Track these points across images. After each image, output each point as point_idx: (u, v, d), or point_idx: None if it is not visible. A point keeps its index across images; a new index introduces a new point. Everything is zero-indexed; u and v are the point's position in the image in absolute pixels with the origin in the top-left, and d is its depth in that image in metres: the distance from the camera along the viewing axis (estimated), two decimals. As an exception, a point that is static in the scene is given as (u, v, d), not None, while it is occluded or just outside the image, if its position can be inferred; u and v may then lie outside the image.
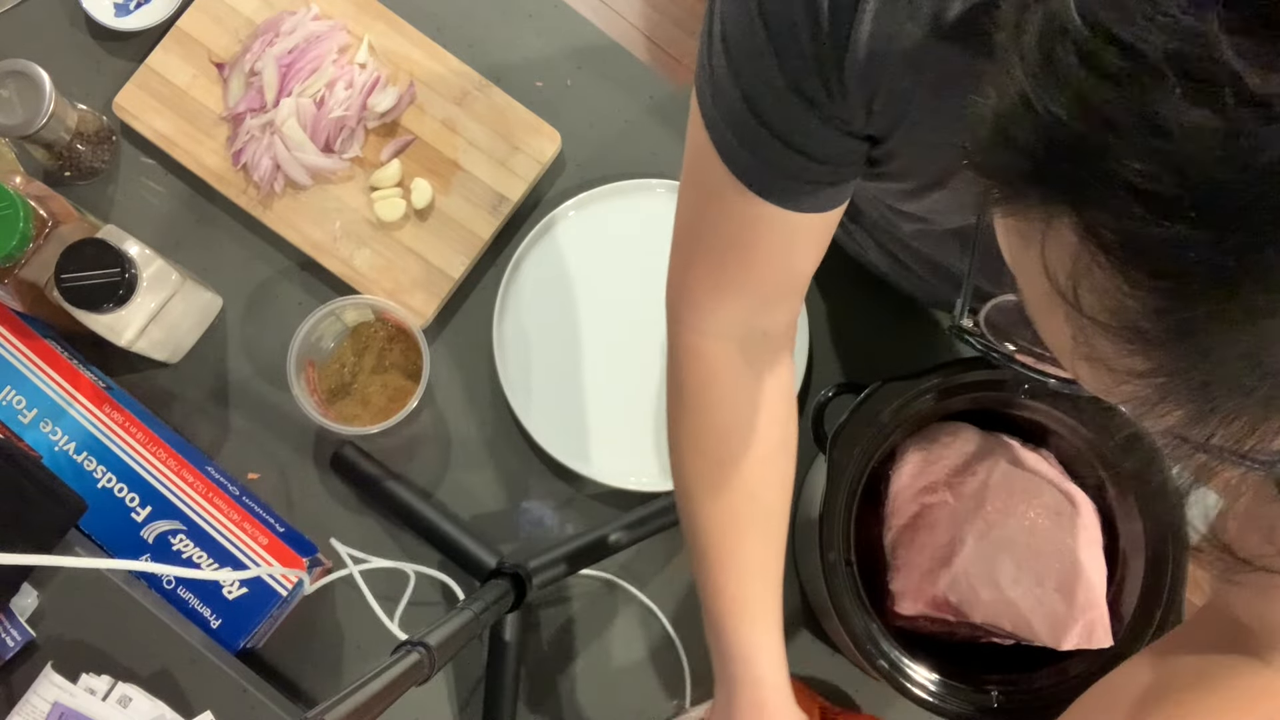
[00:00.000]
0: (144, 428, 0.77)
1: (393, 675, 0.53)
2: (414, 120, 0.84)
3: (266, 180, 0.82)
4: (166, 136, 0.84)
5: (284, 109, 0.82)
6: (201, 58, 0.85)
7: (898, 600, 0.71)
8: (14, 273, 0.73)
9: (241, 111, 0.83)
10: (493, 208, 0.83)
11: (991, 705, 0.68)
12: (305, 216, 0.83)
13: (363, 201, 0.83)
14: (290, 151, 0.82)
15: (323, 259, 0.82)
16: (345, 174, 0.83)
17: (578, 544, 0.81)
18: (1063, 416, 0.72)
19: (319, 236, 0.83)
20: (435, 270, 0.83)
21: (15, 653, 0.70)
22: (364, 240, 0.83)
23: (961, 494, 0.71)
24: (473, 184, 0.83)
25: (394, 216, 0.82)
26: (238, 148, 0.83)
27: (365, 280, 0.82)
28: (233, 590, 0.74)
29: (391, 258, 0.83)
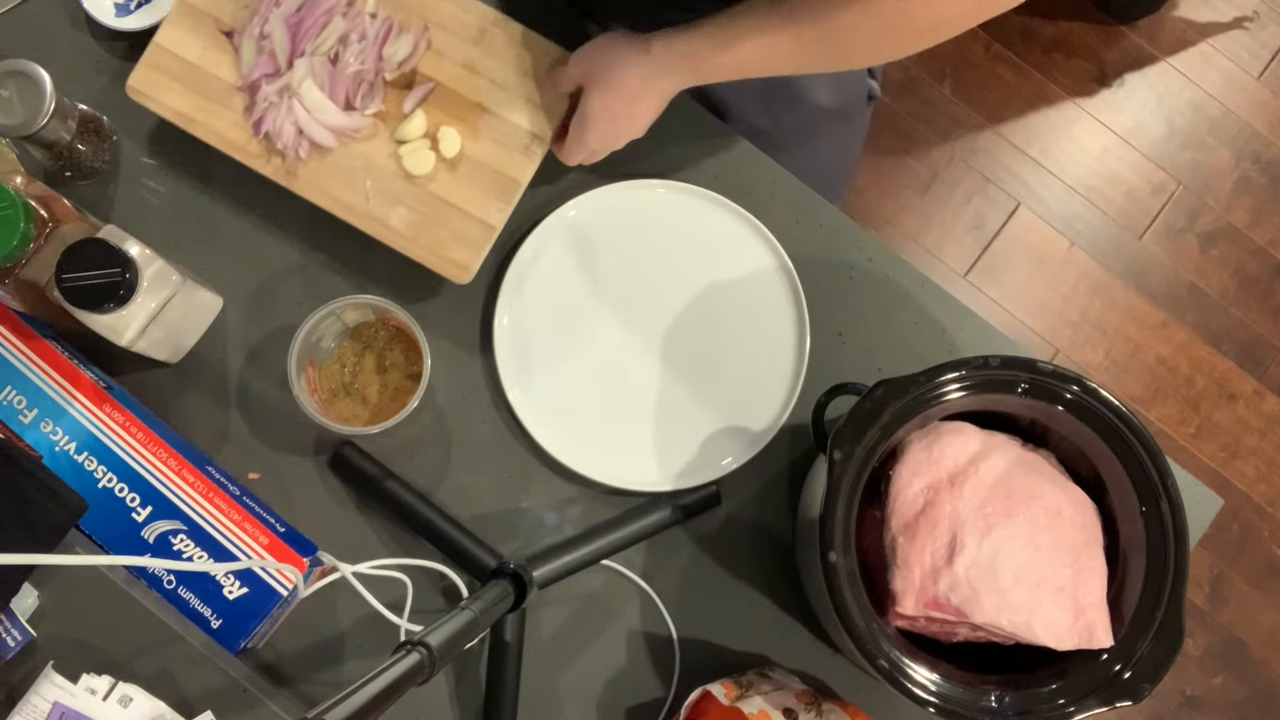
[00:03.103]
0: (144, 428, 0.77)
1: (393, 675, 0.53)
2: (432, 66, 0.81)
3: (291, 146, 0.80)
4: (184, 114, 0.81)
5: (299, 70, 0.79)
6: (209, 28, 0.81)
7: (898, 600, 0.71)
8: (14, 273, 0.73)
9: (256, 78, 0.80)
10: (525, 149, 0.80)
11: (991, 705, 0.68)
12: (334, 179, 0.80)
13: (391, 157, 0.80)
14: (311, 114, 0.80)
15: (358, 221, 0.80)
16: (369, 131, 0.81)
17: (578, 544, 0.81)
18: (1063, 416, 0.72)
19: (351, 199, 0.80)
20: (474, 221, 0.80)
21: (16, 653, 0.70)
22: (397, 198, 0.80)
23: (962, 494, 0.71)
24: (501, 126, 0.80)
25: (424, 169, 0.80)
26: (257, 116, 0.80)
27: (404, 240, 0.80)
28: (233, 590, 0.74)
29: (427, 212, 0.80)
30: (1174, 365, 1.77)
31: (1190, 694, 1.68)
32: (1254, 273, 1.80)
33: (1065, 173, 1.81)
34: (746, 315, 0.86)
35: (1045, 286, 1.78)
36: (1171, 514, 0.70)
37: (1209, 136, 1.83)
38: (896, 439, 0.74)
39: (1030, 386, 0.71)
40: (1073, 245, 1.79)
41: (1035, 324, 1.77)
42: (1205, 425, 1.76)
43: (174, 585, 0.75)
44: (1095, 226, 1.80)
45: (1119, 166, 1.82)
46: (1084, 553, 0.71)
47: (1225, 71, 1.85)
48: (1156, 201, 1.81)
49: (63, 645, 0.71)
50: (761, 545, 0.84)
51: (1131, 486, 0.71)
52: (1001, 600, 0.69)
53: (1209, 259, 1.80)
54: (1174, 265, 1.80)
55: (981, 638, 0.73)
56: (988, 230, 1.79)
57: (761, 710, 0.74)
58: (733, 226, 0.86)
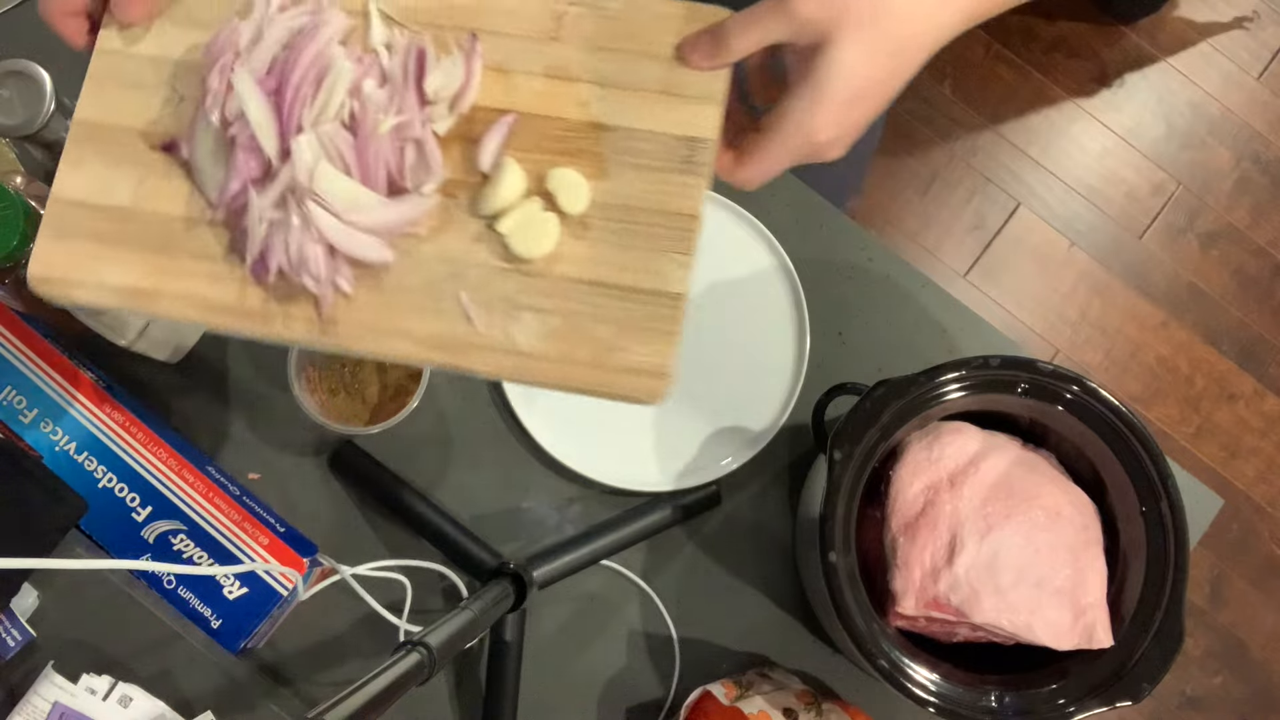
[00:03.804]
0: (144, 428, 0.77)
1: (393, 675, 0.53)
2: (500, 91, 0.55)
3: (324, 280, 0.52)
4: (134, 288, 0.54)
5: (303, 154, 0.52)
6: (132, 148, 0.55)
7: (898, 600, 0.71)
8: (14, 273, 0.73)
9: (236, 192, 0.53)
10: (685, 163, 0.54)
11: (991, 705, 0.68)
12: (405, 310, 0.53)
13: (484, 244, 0.54)
14: (341, 217, 0.52)
15: (468, 361, 0.53)
16: (438, 217, 0.54)
17: (578, 544, 0.81)
18: (1063, 416, 0.72)
19: (442, 329, 0.53)
20: (647, 296, 0.53)
21: (16, 653, 0.70)
22: (515, 302, 0.53)
23: (962, 494, 0.71)
24: (636, 141, 0.55)
25: (546, 244, 0.53)
26: (257, 251, 0.53)
27: (547, 365, 0.53)
28: (233, 590, 0.74)
29: (570, 309, 0.53)
30: (1174, 365, 1.77)
31: (1190, 694, 1.68)
32: (1254, 273, 1.80)
33: (1065, 173, 1.81)
34: (746, 315, 0.86)
35: (1045, 286, 1.78)
36: (1171, 514, 0.70)
37: (1209, 136, 1.83)
38: (896, 439, 0.74)
39: (1030, 386, 0.71)
40: (1073, 245, 1.79)
41: (1035, 324, 1.77)
42: (1205, 425, 1.76)
43: (174, 585, 0.75)
44: (1095, 226, 1.80)
45: (1119, 166, 1.82)
46: (1084, 553, 0.71)
47: (1225, 71, 1.85)
48: (1156, 201, 1.81)
49: (63, 645, 0.71)
50: (761, 545, 0.84)
51: (1131, 486, 0.71)
52: (1001, 600, 0.69)
53: (1209, 259, 1.80)
54: (1174, 265, 1.80)
55: (981, 638, 0.73)
56: (988, 230, 1.79)
57: (761, 710, 0.74)
58: (733, 227, 0.86)
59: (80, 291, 0.54)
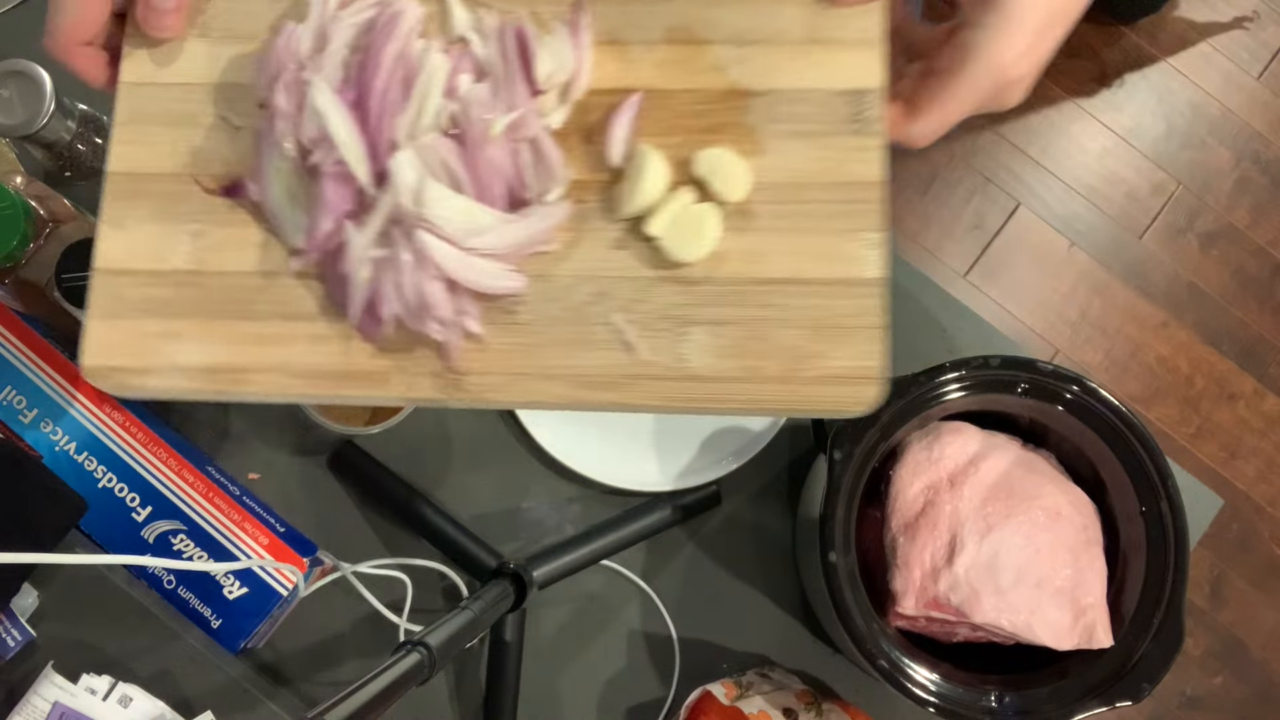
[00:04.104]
0: (144, 427, 0.77)
1: (393, 675, 0.53)
2: (615, 68, 0.47)
3: (450, 323, 0.44)
4: (218, 368, 0.45)
5: (405, 174, 0.43)
6: (186, 193, 0.46)
7: (898, 600, 0.71)
8: (14, 273, 0.73)
9: (329, 231, 0.44)
10: (852, 120, 0.46)
11: (991, 705, 0.68)
12: (550, 345, 0.45)
13: (632, 251, 0.45)
14: (459, 245, 0.43)
15: (635, 397, 0.45)
16: (572, 228, 0.46)
17: (578, 544, 0.81)
18: (1063, 416, 0.72)
19: (600, 362, 0.45)
20: (837, 289, 0.45)
21: (16, 652, 0.70)
22: (681, 317, 0.45)
23: (962, 494, 0.71)
24: (790, 104, 0.46)
25: (709, 242, 0.45)
26: (362, 300, 0.44)
27: (733, 387, 0.45)
28: (233, 590, 0.74)
29: (745, 315, 0.45)
30: (1174, 365, 1.77)
31: (1190, 694, 1.68)
32: (1254, 273, 1.80)
33: (1065, 173, 1.81)
34: (747, 315, 0.85)
35: (1045, 286, 1.78)
36: (1171, 514, 0.70)
37: (1209, 136, 1.83)
38: (896, 439, 0.74)
39: (1030, 386, 0.71)
40: (1073, 245, 1.79)
41: (1035, 324, 1.77)
42: (1205, 425, 1.76)
43: (174, 585, 0.75)
44: (1095, 226, 1.80)
45: (1119, 166, 1.82)
46: (1084, 553, 0.71)
47: (1225, 71, 1.85)
48: (1156, 201, 1.81)
49: (63, 645, 0.71)
50: (761, 545, 0.84)
51: (1131, 486, 0.71)
52: (1001, 600, 0.69)
53: (1209, 259, 1.80)
54: (1174, 265, 1.80)
55: (981, 638, 0.73)
56: (988, 230, 1.79)
57: (761, 710, 0.74)
58: (733, 226, 0.86)
59: (152, 380, 0.45)
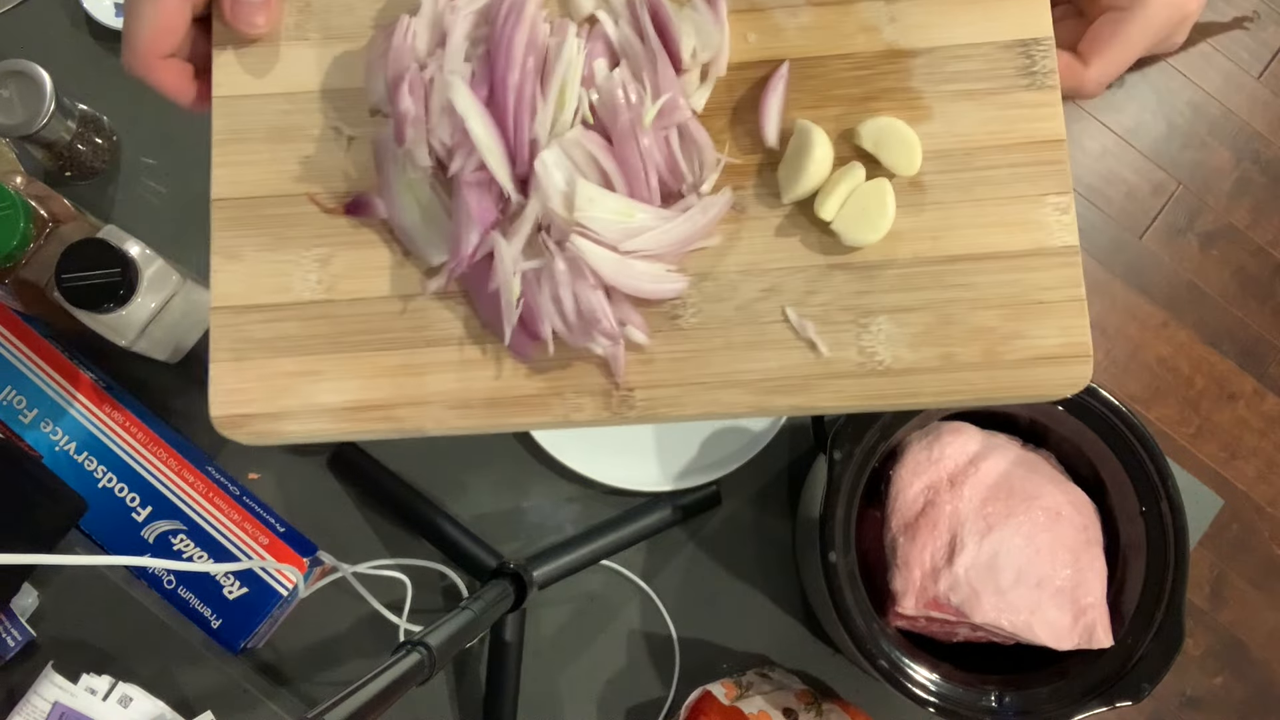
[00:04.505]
0: (144, 428, 0.77)
1: (393, 675, 0.53)
2: (756, 39, 0.44)
3: (613, 332, 0.40)
4: (363, 404, 0.42)
5: (552, 176, 0.40)
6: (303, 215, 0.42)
7: (898, 600, 0.71)
8: (14, 273, 0.73)
9: (473, 244, 0.40)
10: (1025, 73, 0.43)
11: (991, 705, 0.68)
12: (722, 350, 0.42)
13: (799, 238, 0.43)
14: (618, 249, 0.40)
15: (821, 398, 0.42)
16: (732, 219, 0.43)
17: (578, 544, 0.81)
18: (1063, 416, 0.72)
19: (779, 363, 0.42)
20: (1028, 261, 0.42)
21: (16, 653, 0.70)
22: (862, 307, 0.42)
23: (962, 494, 0.71)
24: (954, 62, 0.43)
25: (886, 221, 0.42)
26: (515, 316, 0.40)
27: (929, 378, 0.42)
28: (233, 590, 0.74)
29: (933, 299, 0.42)
30: (1174, 365, 1.77)
31: (1190, 694, 1.68)
32: (1254, 273, 1.80)
33: (1065, 173, 1.81)
34: (747, 315, 0.85)
35: (1045, 286, 1.78)
36: (1171, 514, 0.70)
37: (1209, 136, 1.83)
38: (896, 439, 0.74)
39: (1030, 386, 0.71)
40: (1073, 245, 1.79)
41: (1035, 324, 1.77)
42: (1205, 425, 1.76)
43: (174, 585, 0.75)
44: (1095, 226, 1.80)
45: (1119, 166, 1.82)
46: (1084, 553, 0.71)
47: (1225, 71, 1.85)
48: (1156, 201, 1.81)
49: (63, 645, 0.71)
50: (761, 545, 0.84)
51: (1131, 486, 0.71)
52: (1001, 600, 0.69)
53: (1209, 259, 1.80)
54: (1174, 265, 1.80)
55: (981, 638, 0.73)
56: (988, 230, 1.79)
57: (761, 710, 0.74)
58: (733, 226, 0.86)
59: (291, 424, 0.42)
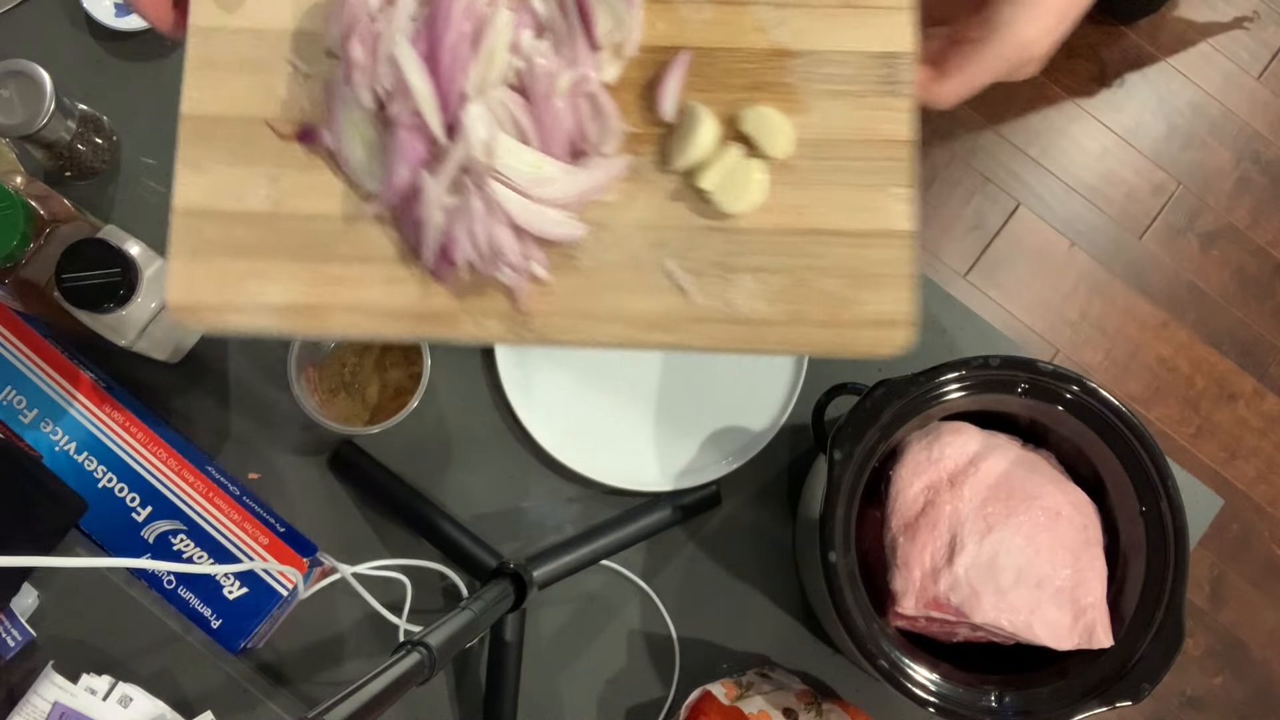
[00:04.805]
0: (144, 427, 0.77)
1: (393, 675, 0.53)
2: (664, 26, 0.49)
3: (518, 268, 0.47)
4: (299, 306, 0.48)
5: (478, 126, 0.46)
6: (260, 137, 0.48)
7: (898, 600, 0.71)
8: (14, 273, 0.73)
9: (405, 178, 0.47)
10: (885, 81, 0.49)
11: (991, 705, 0.68)
12: (610, 289, 0.48)
13: (681, 206, 0.49)
14: (528, 194, 0.47)
15: (688, 338, 0.48)
16: (626, 180, 0.49)
17: (578, 544, 0.81)
18: (1063, 416, 0.72)
19: (656, 305, 0.48)
20: (870, 239, 0.49)
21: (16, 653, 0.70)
22: (729, 265, 0.48)
23: (962, 494, 0.71)
24: (827, 65, 0.49)
25: (757, 194, 0.48)
26: (437, 245, 0.47)
27: (777, 329, 0.48)
28: (233, 590, 0.74)
29: (792, 264, 0.49)
30: (1174, 365, 1.77)
31: (1190, 694, 1.68)
32: (1254, 273, 1.80)
33: (1065, 173, 1.81)
34: (747, 315, 0.86)
35: (1045, 286, 1.78)
36: (1171, 514, 0.70)
37: (1209, 136, 1.83)
38: (896, 439, 0.74)
39: (1030, 386, 0.71)
40: (1073, 245, 1.79)
41: (1035, 324, 1.77)
42: (1205, 425, 1.76)
43: (174, 585, 0.75)
44: (1095, 226, 1.80)
45: (1119, 166, 1.82)
46: (1084, 553, 0.71)
47: (1225, 71, 1.85)
48: (1156, 201, 1.81)
49: (63, 645, 0.71)
50: (761, 545, 0.84)
51: (1131, 486, 0.71)
52: (1001, 600, 0.69)
53: (1209, 259, 1.80)
54: (1174, 265, 1.80)
55: (981, 638, 0.73)
56: (988, 230, 1.79)
57: (761, 710, 0.74)
58: (733, 226, 0.86)
59: (236, 316, 0.48)
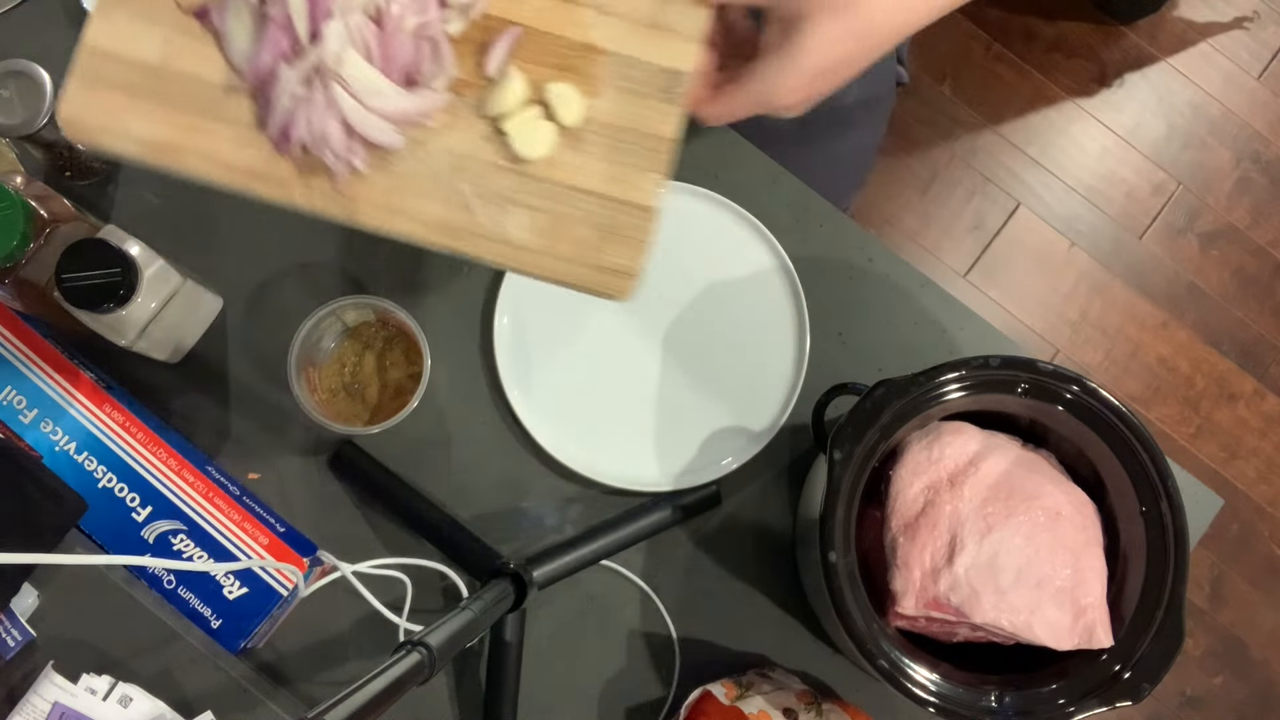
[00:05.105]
0: (144, 427, 0.77)
1: (393, 675, 0.53)
2: (508, 3, 0.59)
3: (341, 156, 0.57)
4: (162, 143, 0.57)
5: (332, 40, 0.55)
6: (166, 9, 0.57)
7: (898, 600, 0.71)
8: (14, 273, 0.73)
9: (268, 65, 0.56)
10: (666, 92, 0.59)
11: (991, 705, 0.68)
12: (413, 193, 0.58)
13: (486, 142, 0.58)
14: (362, 101, 0.56)
15: (466, 244, 0.58)
16: (446, 113, 0.58)
17: (578, 544, 0.81)
18: (1063, 416, 0.72)
19: (445, 214, 0.58)
20: (624, 206, 0.59)
21: (16, 653, 0.70)
22: (510, 197, 0.58)
23: (962, 494, 0.71)
24: (627, 68, 0.59)
25: (542, 148, 0.58)
26: (280, 122, 0.56)
27: (534, 256, 0.58)
28: (233, 590, 0.74)
29: (557, 209, 0.58)
30: (1174, 365, 1.77)
31: (1190, 694, 1.68)
32: (1254, 273, 1.80)
33: (1065, 173, 1.81)
34: (746, 315, 0.86)
35: (1045, 286, 1.78)
36: (1171, 514, 0.70)
37: (1209, 136, 1.83)
38: (896, 439, 0.74)
39: (1030, 386, 0.71)
40: (1073, 245, 1.79)
41: (1035, 324, 1.77)
42: (1205, 425, 1.76)
43: (174, 585, 0.75)
44: (1095, 226, 1.80)
45: (1119, 166, 1.82)
46: (1084, 553, 0.71)
47: (1225, 71, 1.85)
48: (1156, 201, 1.81)
49: (63, 645, 0.71)
50: (761, 545, 0.84)
51: (1131, 486, 0.71)
52: (1001, 600, 0.69)
53: (1209, 259, 1.80)
54: (1174, 265, 1.80)
55: (981, 638, 0.73)
56: (988, 230, 1.79)
57: (761, 710, 0.74)
58: (733, 226, 0.86)
59: (107, 138, 0.56)
